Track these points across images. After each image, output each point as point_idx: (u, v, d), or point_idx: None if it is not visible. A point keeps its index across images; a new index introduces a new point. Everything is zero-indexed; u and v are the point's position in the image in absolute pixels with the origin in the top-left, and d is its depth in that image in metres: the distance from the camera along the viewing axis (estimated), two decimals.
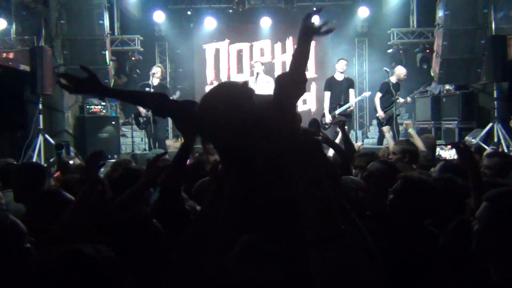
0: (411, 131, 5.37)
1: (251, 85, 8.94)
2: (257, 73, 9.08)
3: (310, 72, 12.89)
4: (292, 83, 1.69)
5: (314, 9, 2.32)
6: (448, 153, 3.08)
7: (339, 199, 1.37)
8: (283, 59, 12.92)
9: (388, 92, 8.60)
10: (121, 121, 11.55)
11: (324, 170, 1.04)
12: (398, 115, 8.79)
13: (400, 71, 8.83)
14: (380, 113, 8.69)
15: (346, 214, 1.39)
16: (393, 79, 8.75)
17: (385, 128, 8.50)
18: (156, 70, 8.89)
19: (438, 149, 3.17)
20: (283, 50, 12.90)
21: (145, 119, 8.81)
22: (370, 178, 3.07)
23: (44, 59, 7.96)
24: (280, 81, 1.65)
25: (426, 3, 10.33)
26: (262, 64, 9.31)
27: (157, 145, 8.89)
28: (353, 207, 1.76)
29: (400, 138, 7.20)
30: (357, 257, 1.02)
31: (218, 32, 12.63)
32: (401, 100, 8.75)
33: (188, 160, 3.97)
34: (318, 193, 1.01)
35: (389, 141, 7.12)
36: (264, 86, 8.84)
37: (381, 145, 8.64)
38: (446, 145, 3.20)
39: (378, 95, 8.81)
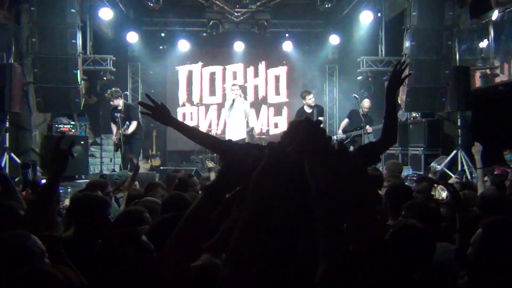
0: None
1: (227, 109, 9.01)
2: (233, 99, 9.01)
3: (282, 96, 13.09)
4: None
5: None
6: (444, 194, 3.18)
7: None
8: (256, 83, 13.10)
9: (355, 119, 8.91)
10: (90, 141, 11.40)
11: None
12: (355, 141, 9.04)
13: (363, 103, 9.28)
14: (339, 132, 9.10)
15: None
16: (361, 110, 9.12)
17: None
18: (112, 101, 8.80)
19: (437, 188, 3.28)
20: (256, 74, 13.09)
21: (115, 143, 8.76)
22: None
23: (13, 77, 7.82)
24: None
25: (394, 33, 10.68)
26: (240, 87, 9.32)
27: (128, 166, 8.81)
28: None
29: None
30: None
31: (191, 55, 12.72)
32: (369, 129, 9.02)
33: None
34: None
35: None
36: (240, 110, 8.86)
37: None
38: (438, 184, 3.32)
39: (345, 120, 9.12)
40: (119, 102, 8.72)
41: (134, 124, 8.65)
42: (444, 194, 3.21)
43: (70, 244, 2.20)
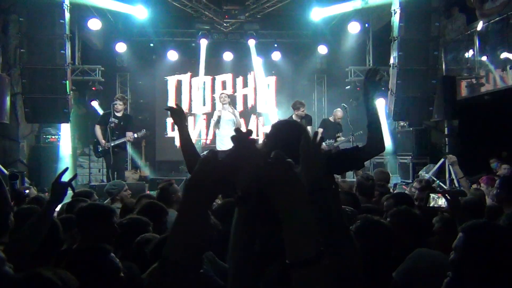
0: None
1: (214, 125, 9.01)
2: (223, 105, 9.01)
3: (271, 106, 13.14)
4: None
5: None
6: (440, 201, 3.22)
7: (334, 218, 1.36)
8: (245, 92, 13.15)
9: (328, 128, 9.26)
10: (78, 151, 11.32)
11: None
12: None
13: (335, 113, 9.56)
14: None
15: (343, 231, 1.40)
16: (331, 118, 9.28)
17: None
18: (118, 104, 8.78)
19: (432, 197, 3.31)
20: (245, 84, 13.14)
21: (104, 148, 8.64)
22: None
23: (0, 87, 7.77)
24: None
25: (381, 43, 10.81)
26: (228, 96, 9.33)
27: (116, 175, 8.73)
28: None
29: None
30: (340, 276, 1.05)
31: (180, 65, 12.74)
32: (341, 138, 9.27)
33: None
34: (300, 215, 1.04)
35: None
36: (229, 120, 8.86)
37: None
38: (437, 193, 3.34)
39: (320, 130, 9.26)
40: (120, 110, 8.68)
41: (131, 133, 8.62)
42: (440, 202, 3.24)
43: (77, 254, 2.20)
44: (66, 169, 2.68)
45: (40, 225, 2.29)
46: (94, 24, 10.31)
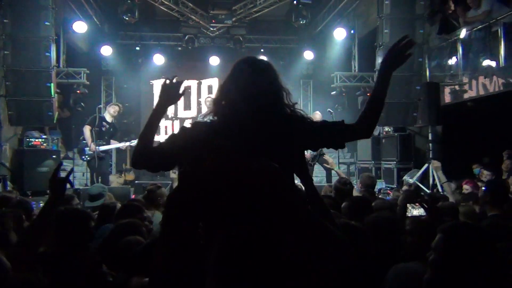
0: (337, 169, 5.67)
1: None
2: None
3: None
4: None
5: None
6: (417, 211, 3.25)
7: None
8: None
9: None
10: (62, 155, 11.18)
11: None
12: (322, 154, 9.14)
13: (314, 115, 9.51)
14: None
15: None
16: None
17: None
18: (114, 109, 8.85)
19: (409, 208, 3.34)
20: None
21: (90, 153, 8.59)
22: None
23: None
24: None
25: (366, 50, 10.92)
26: None
27: (100, 179, 8.66)
28: None
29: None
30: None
31: (166, 69, 12.69)
32: None
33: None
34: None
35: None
36: None
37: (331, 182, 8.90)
38: (415, 203, 3.36)
39: None
40: (110, 116, 8.79)
41: (122, 144, 8.82)
42: (415, 212, 3.28)
43: (52, 257, 2.18)
44: (61, 163, 2.69)
45: (42, 225, 2.25)
46: (80, 27, 10.23)
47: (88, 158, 8.78)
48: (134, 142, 8.73)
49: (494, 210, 3.86)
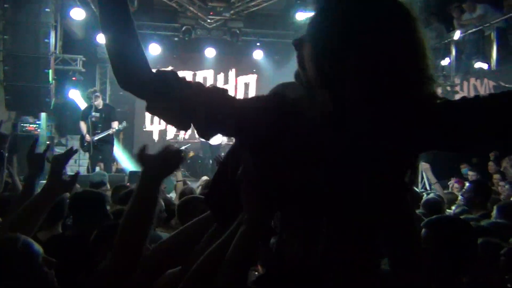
0: None
1: None
2: None
3: None
4: None
5: None
6: None
7: None
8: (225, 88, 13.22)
9: None
10: (55, 141, 11.18)
11: None
12: None
13: None
14: None
15: None
16: None
17: None
18: (96, 98, 8.91)
19: None
20: (226, 81, 13.22)
21: (86, 144, 8.72)
22: None
23: None
24: None
25: None
26: None
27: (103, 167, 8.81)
28: None
29: None
30: None
31: (162, 59, 12.69)
32: None
33: None
34: None
35: None
36: None
37: None
38: None
39: None
40: (100, 102, 8.80)
41: (116, 123, 8.78)
42: None
43: (70, 241, 2.26)
44: (37, 140, 2.59)
45: (24, 201, 2.12)
46: (78, 14, 10.19)
47: (87, 149, 8.91)
48: (121, 125, 8.87)
49: (479, 210, 4.00)
